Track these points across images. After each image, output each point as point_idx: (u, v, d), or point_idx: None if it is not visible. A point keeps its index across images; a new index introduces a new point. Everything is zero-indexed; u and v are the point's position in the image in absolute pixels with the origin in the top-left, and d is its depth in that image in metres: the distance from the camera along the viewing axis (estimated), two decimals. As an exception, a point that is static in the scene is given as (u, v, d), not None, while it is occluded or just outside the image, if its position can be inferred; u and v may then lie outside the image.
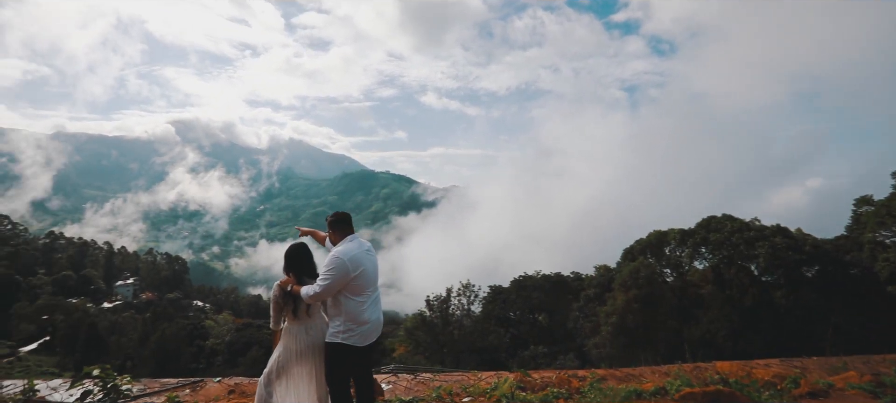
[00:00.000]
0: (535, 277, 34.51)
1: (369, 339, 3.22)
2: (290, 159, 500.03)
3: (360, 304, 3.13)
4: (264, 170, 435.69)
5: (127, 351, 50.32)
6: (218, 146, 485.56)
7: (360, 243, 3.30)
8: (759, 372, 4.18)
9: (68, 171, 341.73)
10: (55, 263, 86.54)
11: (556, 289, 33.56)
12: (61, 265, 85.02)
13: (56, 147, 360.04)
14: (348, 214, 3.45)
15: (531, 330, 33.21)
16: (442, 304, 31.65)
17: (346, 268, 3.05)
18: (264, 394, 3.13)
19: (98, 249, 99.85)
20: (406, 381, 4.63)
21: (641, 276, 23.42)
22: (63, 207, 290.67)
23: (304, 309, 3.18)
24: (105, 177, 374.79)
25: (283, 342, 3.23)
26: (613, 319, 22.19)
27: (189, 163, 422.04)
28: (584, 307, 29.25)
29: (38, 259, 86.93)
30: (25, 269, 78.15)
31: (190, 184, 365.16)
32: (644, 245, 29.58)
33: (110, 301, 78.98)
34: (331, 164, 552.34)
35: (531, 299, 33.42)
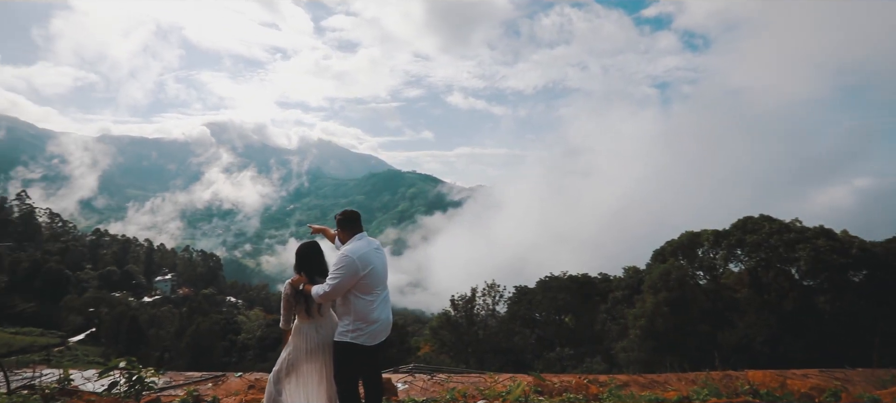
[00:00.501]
0: (562, 278, 33.95)
1: (378, 338, 3.18)
2: (319, 159, 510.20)
3: (369, 303, 3.11)
4: (294, 170, 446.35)
5: (165, 343, 52.51)
6: (250, 147, 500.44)
7: (368, 241, 3.27)
8: (795, 383, 3.91)
9: (112, 172, 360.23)
10: (101, 259, 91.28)
11: (582, 291, 32.92)
12: (106, 260, 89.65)
13: (101, 149, 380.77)
14: (357, 212, 3.42)
15: (557, 331, 32.71)
16: (467, 304, 31.60)
17: (355, 267, 3.02)
18: (274, 392, 3.15)
19: (139, 246, 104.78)
20: (422, 381, 4.60)
21: (672, 278, 22.65)
22: (108, 206, 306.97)
23: (315, 307, 3.18)
24: (146, 177, 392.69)
25: (293, 340, 3.24)
26: (642, 322, 21.55)
27: (223, 164, 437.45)
28: (612, 309, 28.57)
29: (86, 254, 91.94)
30: (74, 264, 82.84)
31: (224, 184, 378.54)
32: (675, 246, 28.62)
33: (150, 295, 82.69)
34: (358, 164, 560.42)
35: (557, 300, 32.89)
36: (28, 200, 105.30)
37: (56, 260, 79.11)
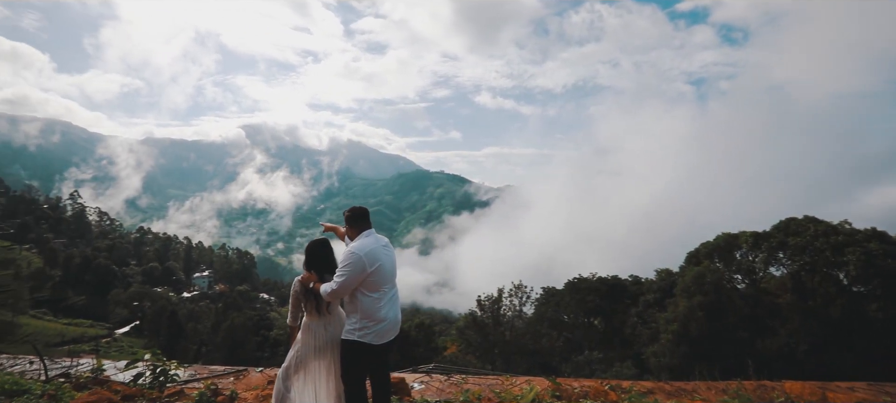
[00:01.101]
0: (591, 279, 33.19)
1: (385, 337, 3.12)
2: (348, 160, 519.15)
3: (375, 301, 3.06)
4: (325, 170, 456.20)
5: (202, 337, 54.58)
6: (283, 148, 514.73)
7: (376, 238, 3.21)
8: (837, 397, 3.61)
9: (155, 173, 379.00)
10: (144, 255, 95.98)
11: (612, 293, 32.08)
12: (149, 257, 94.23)
13: (145, 151, 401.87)
14: (365, 209, 3.36)
15: (586, 334, 31.99)
16: (493, 304, 31.34)
17: (362, 264, 2.98)
18: (282, 389, 3.15)
19: (179, 244, 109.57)
20: (439, 382, 4.54)
21: (707, 282, 21.72)
22: (150, 205, 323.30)
23: (324, 305, 3.16)
24: (185, 177, 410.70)
25: (302, 338, 3.23)
26: (674, 327, 20.76)
27: (257, 165, 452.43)
28: (643, 312, 27.69)
29: (130, 251, 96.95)
30: (120, 260, 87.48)
31: (258, 184, 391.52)
32: (711, 248, 27.45)
33: (189, 291, 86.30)
34: (387, 165, 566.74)
35: (586, 302, 32.17)
36: (79, 200, 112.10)
37: (104, 256, 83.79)
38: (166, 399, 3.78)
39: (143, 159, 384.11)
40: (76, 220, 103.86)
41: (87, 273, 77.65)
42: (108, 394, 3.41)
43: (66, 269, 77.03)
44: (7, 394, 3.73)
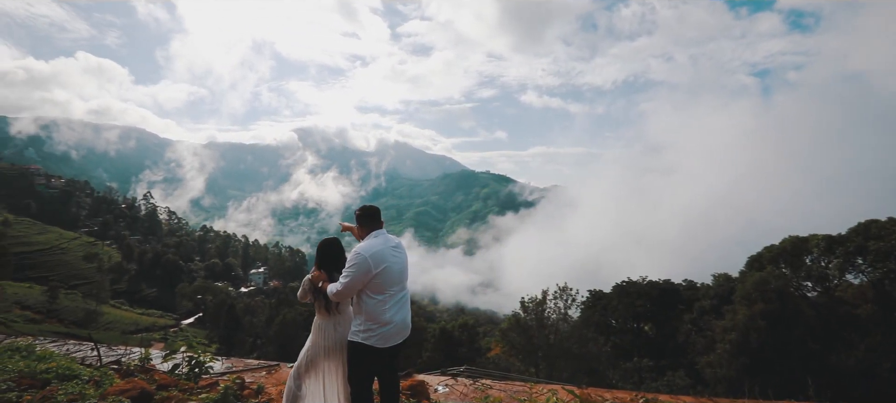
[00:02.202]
0: (641, 283, 31.68)
1: (391, 341, 3.03)
2: (395, 161, 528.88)
3: (380, 303, 2.98)
4: (372, 170, 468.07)
5: (256, 331, 57.52)
6: (332, 150, 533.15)
7: (386, 239, 3.14)
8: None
9: (216, 175, 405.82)
10: (207, 252, 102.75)
11: (664, 298, 30.43)
12: (211, 254, 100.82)
13: (208, 154, 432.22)
14: (376, 208, 3.30)
15: (635, 340, 30.57)
16: (537, 306, 30.68)
17: (367, 265, 2.91)
18: (294, 387, 3.16)
19: (238, 241, 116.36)
20: (463, 386, 4.42)
21: (771, 288, 20.03)
22: (212, 205, 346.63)
23: (333, 305, 3.14)
24: (242, 179, 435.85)
25: (313, 337, 3.23)
26: (733, 336, 19.31)
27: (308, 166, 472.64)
28: (698, 319, 26.03)
29: (195, 248, 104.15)
30: (186, 256, 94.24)
31: (309, 185, 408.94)
32: (776, 252, 25.34)
33: (246, 286, 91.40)
34: (432, 165, 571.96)
35: (635, 307, 30.73)
36: (151, 200, 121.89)
37: (172, 252, 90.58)
38: (199, 390, 3.94)
39: (206, 162, 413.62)
40: (149, 219, 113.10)
41: (158, 267, 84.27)
42: (143, 383, 3.60)
43: (140, 264, 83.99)
44: (59, 378, 4.05)
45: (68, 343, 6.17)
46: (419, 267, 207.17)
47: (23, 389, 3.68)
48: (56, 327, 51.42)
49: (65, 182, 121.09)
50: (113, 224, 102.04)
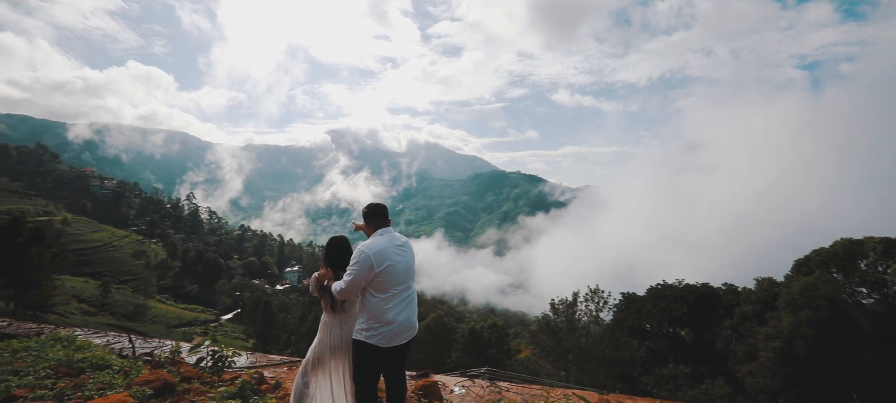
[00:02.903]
0: (677, 286, 30.48)
1: (395, 341, 2.98)
2: (426, 161, 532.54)
3: (382, 302, 2.94)
4: (404, 171, 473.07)
5: (290, 328, 59.17)
6: (364, 151, 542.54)
7: (392, 237, 3.10)
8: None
9: (253, 176, 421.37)
10: (244, 251, 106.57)
11: (702, 302, 29.17)
12: (248, 252, 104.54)
13: (245, 156, 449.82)
14: (383, 206, 3.26)
15: (671, 345, 29.46)
16: (568, 308, 30.10)
17: (369, 263, 2.89)
18: (301, 384, 3.18)
19: (273, 240, 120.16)
20: (480, 388, 4.35)
21: (820, 294, 18.80)
22: (250, 205, 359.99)
23: (339, 303, 3.14)
24: (278, 180, 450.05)
25: (320, 335, 3.24)
26: (777, 344, 18.24)
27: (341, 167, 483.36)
28: (739, 326, 24.80)
29: (234, 246, 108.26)
30: (225, 254, 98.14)
31: (342, 185, 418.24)
32: (826, 256, 23.77)
33: (281, 284, 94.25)
34: (463, 166, 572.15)
35: (671, 311, 29.60)
36: (194, 200, 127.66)
37: (213, 250, 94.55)
38: (220, 384, 4.06)
39: (244, 163, 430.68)
40: (191, 218, 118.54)
41: (199, 264, 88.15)
42: (166, 375, 3.74)
43: (183, 261, 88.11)
44: (93, 367, 4.27)
45: (108, 334, 6.50)
46: (449, 267, 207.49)
47: (59, 377, 3.91)
48: (108, 319, 54.74)
49: (116, 183, 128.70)
50: (159, 223, 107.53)
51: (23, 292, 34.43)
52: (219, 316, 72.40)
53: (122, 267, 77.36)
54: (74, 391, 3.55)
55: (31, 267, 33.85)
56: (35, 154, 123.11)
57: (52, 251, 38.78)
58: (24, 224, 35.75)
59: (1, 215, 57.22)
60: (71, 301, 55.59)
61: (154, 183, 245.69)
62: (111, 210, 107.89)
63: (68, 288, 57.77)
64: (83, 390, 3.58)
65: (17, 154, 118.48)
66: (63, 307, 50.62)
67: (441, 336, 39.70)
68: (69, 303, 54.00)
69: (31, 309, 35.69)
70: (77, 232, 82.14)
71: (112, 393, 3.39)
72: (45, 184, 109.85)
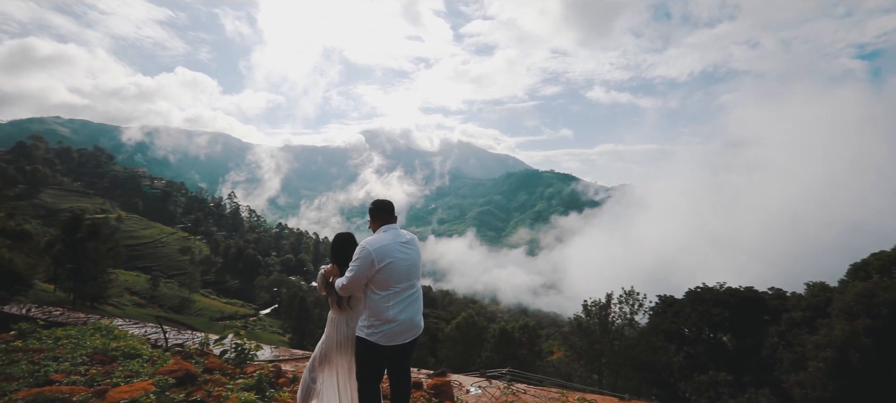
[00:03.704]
0: (718, 290, 29.11)
1: (396, 340, 2.90)
2: (458, 160, 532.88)
3: (383, 299, 2.87)
4: (436, 170, 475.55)
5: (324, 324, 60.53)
6: (397, 150, 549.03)
7: (396, 234, 3.04)
8: None
9: (290, 176, 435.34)
10: (281, 248, 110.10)
11: (746, 307, 27.71)
12: (285, 249, 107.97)
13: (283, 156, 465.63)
14: (388, 202, 3.21)
15: (711, 351, 28.14)
16: (601, 310, 29.34)
17: (370, 259, 2.83)
18: (309, 380, 3.20)
19: (309, 238, 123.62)
20: (497, 389, 4.27)
21: (879, 301, 17.43)
22: (287, 203, 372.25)
23: (346, 299, 3.13)
24: (314, 179, 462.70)
25: (327, 331, 3.25)
26: (828, 354, 17.05)
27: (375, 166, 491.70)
28: (787, 333, 23.38)
29: (272, 244, 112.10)
30: (264, 251, 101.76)
31: (375, 184, 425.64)
32: (887, 260, 22.07)
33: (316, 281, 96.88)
34: (496, 165, 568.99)
35: (711, 315, 28.29)
36: (235, 199, 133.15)
37: (252, 247, 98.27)
38: (240, 376, 4.17)
39: (282, 163, 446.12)
40: (232, 216, 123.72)
41: (240, 261, 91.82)
42: (188, 365, 3.88)
43: (225, 257, 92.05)
44: (125, 356, 4.49)
45: (147, 325, 6.84)
46: (481, 267, 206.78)
47: (94, 364, 4.14)
48: (157, 311, 57.93)
49: (165, 183, 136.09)
50: (203, 221, 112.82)
51: (81, 284, 36.93)
52: (257, 311, 75.14)
53: (169, 262, 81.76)
54: (104, 378, 3.75)
55: (87, 260, 36.27)
56: (93, 156, 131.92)
57: (107, 246, 41.38)
58: (82, 221, 38.36)
59: (64, 212, 61.56)
60: (124, 293, 59.17)
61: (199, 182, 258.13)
62: (160, 208, 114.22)
63: (122, 281, 61.54)
64: (112, 377, 3.77)
65: (78, 156, 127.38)
66: (117, 299, 53.95)
67: (472, 336, 39.61)
68: (122, 296, 57.48)
69: (89, 300, 38.22)
70: (130, 229, 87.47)
71: (137, 381, 3.56)
72: (102, 183, 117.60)
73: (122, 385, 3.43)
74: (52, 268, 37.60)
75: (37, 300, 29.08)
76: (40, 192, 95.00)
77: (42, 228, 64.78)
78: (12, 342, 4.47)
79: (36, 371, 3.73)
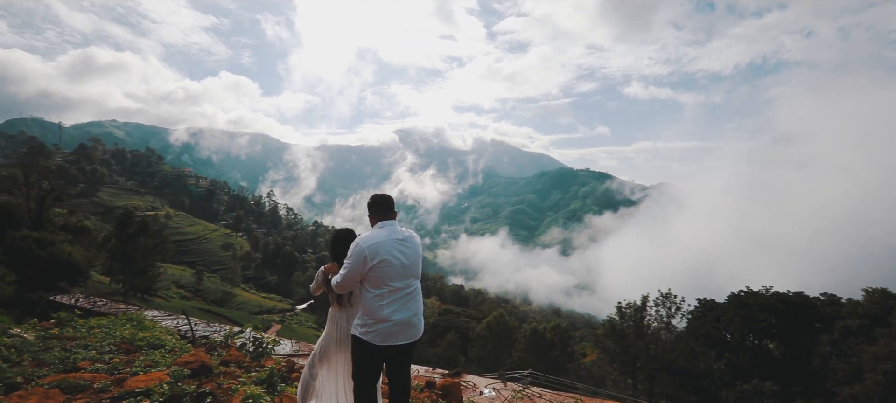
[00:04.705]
0: (764, 294, 27.55)
1: (391, 340, 2.78)
2: (492, 159, 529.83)
3: (377, 298, 2.76)
4: (470, 169, 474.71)
5: (356, 319, 61.72)
6: (431, 149, 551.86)
7: (392, 230, 2.92)
8: None
9: (326, 174, 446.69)
10: (317, 245, 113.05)
11: (795, 313, 26.06)
12: (321, 247, 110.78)
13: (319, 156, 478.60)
14: (386, 197, 3.10)
15: (755, 359, 26.65)
16: (636, 313, 28.40)
17: (362, 257, 2.74)
18: (308, 376, 3.17)
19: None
20: (511, 391, 4.13)
21: (947, 310, 15.94)
22: (322, 201, 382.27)
23: (346, 297, 3.08)
24: (348, 178, 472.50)
25: (327, 328, 3.21)
26: (888, 366, 15.73)
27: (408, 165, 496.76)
28: (841, 342, 21.81)
29: (308, 241, 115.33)
30: (300, 248, 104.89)
31: (409, 182, 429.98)
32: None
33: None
34: (529, 163, 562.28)
35: (756, 321, 26.78)
36: (273, 197, 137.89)
37: (289, 244, 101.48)
38: (256, 368, 4.25)
39: (318, 163, 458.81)
40: (271, 214, 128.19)
41: (278, 257, 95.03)
42: (205, 357, 3.98)
43: (264, 253, 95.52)
44: (149, 346, 4.67)
45: (179, 317, 7.11)
46: (513, 266, 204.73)
47: (119, 353, 4.33)
48: (201, 304, 60.86)
49: (209, 182, 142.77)
50: (244, 218, 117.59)
51: (132, 276, 39.30)
52: (294, 306, 77.47)
53: (212, 257, 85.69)
54: (125, 366, 3.91)
55: (137, 254, 38.54)
56: (145, 157, 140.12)
57: (155, 241, 43.83)
58: (133, 217, 40.82)
59: (118, 210, 65.66)
60: (171, 286, 62.46)
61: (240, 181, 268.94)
62: (204, 206, 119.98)
63: (169, 275, 65.01)
64: (132, 366, 3.92)
65: (132, 157, 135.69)
66: (165, 291, 57.05)
67: (502, 336, 39.27)
68: (170, 288, 60.69)
69: (140, 292, 40.64)
70: (177, 226, 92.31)
71: (154, 371, 3.68)
72: (153, 182, 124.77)
73: (140, 375, 3.56)
74: (107, 262, 40.32)
75: (94, 291, 31.19)
76: (98, 191, 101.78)
77: (100, 224, 69.43)
78: (50, 330, 4.75)
79: (66, 358, 3.94)
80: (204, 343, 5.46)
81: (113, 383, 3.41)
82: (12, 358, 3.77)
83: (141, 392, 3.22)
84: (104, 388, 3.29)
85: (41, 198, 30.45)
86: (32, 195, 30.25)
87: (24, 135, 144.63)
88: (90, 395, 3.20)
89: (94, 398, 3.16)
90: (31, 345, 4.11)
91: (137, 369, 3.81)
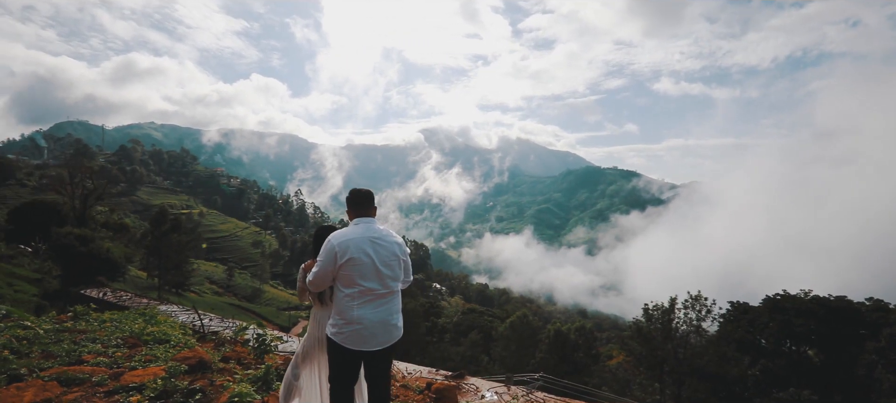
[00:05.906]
0: (802, 298, 26.16)
1: (366, 344, 2.62)
2: (517, 158, 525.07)
3: (347, 298, 2.62)
4: (495, 167, 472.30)
5: (381, 318, 62.30)
6: (456, 148, 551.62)
7: (367, 228, 2.77)
8: None
9: (352, 173, 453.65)
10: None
11: (836, 318, 24.64)
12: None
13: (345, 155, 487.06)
14: (365, 192, 2.96)
15: (793, 366, 25.36)
16: (664, 315, 27.53)
17: (332, 254, 2.61)
18: (291, 376, 3.09)
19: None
20: (512, 397, 3.96)
21: None
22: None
23: (327, 295, 2.99)
24: (374, 176, 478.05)
25: (310, 328, 3.13)
26: (941, 376, 14.63)
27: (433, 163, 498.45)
28: (887, 350, 20.48)
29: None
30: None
31: (434, 181, 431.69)
32: None
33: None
34: (555, 162, 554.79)
35: (793, 326, 25.47)
36: (301, 196, 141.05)
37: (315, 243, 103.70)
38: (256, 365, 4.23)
39: (344, 162, 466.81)
40: (299, 213, 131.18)
41: (305, 255, 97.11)
42: (203, 353, 3.98)
43: (292, 251, 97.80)
44: (155, 341, 4.75)
45: (197, 312, 7.24)
46: (537, 265, 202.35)
47: (125, 347, 4.40)
48: (231, 300, 62.86)
49: (240, 182, 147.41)
50: (272, 216, 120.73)
51: (166, 272, 40.92)
52: (316, 303, 78.93)
53: (243, 254, 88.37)
54: (126, 360, 3.96)
55: (171, 251, 40.08)
56: (180, 157, 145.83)
57: (187, 238, 45.50)
58: (167, 215, 42.50)
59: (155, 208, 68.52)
60: (204, 281, 64.74)
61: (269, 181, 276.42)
62: (235, 204, 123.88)
63: (202, 271, 67.37)
64: (133, 360, 3.97)
65: (168, 157, 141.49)
66: (198, 286, 59.18)
67: (526, 336, 38.85)
68: (203, 284, 62.92)
69: (174, 287, 42.29)
70: (210, 224, 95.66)
71: (153, 366, 3.71)
72: (187, 181, 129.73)
73: (138, 369, 3.59)
74: (145, 257, 42.17)
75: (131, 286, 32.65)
76: (137, 190, 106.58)
77: (138, 222, 72.67)
78: (65, 322, 4.89)
79: (73, 351, 4.02)
80: (213, 338, 5.53)
81: (111, 377, 3.45)
82: (22, 350, 3.88)
83: (135, 386, 3.24)
84: (101, 382, 3.33)
85: (85, 197, 32.13)
86: (77, 194, 31.98)
87: (71, 137, 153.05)
88: (87, 388, 3.24)
89: (90, 391, 3.20)
90: (42, 338, 4.23)
91: (137, 363, 3.86)
